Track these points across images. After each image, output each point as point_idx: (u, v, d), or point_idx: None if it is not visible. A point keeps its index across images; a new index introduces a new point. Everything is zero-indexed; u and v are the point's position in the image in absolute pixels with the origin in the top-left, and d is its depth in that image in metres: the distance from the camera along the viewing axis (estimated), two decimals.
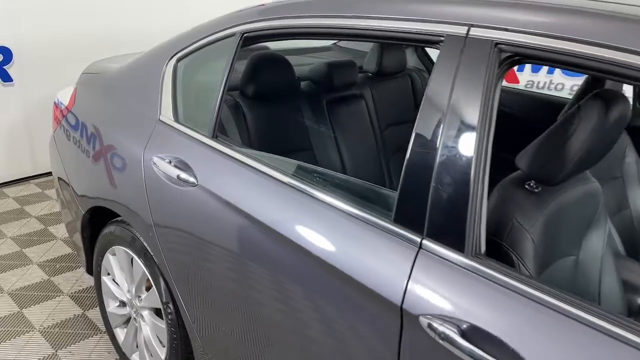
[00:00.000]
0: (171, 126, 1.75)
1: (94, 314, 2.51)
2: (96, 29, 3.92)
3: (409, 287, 1.10)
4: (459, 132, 1.11)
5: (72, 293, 2.69)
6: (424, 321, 1.06)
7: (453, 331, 1.02)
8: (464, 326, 1.02)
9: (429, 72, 2.87)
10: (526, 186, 1.30)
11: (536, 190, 1.29)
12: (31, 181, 4.00)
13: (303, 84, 2.36)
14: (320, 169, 1.50)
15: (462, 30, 1.14)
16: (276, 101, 2.08)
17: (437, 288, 1.08)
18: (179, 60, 1.81)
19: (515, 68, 4.37)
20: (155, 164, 1.70)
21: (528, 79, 4.83)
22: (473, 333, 1.01)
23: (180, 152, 1.66)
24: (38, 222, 3.39)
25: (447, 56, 1.15)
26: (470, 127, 1.10)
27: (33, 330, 2.41)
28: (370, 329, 1.18)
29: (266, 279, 1.41)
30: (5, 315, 2.50)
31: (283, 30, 1.55)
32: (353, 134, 2.37)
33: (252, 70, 2.00)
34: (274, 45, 2.84)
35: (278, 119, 2.08)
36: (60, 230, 3.28)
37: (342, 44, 3.20)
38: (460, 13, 1.16)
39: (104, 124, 2.00)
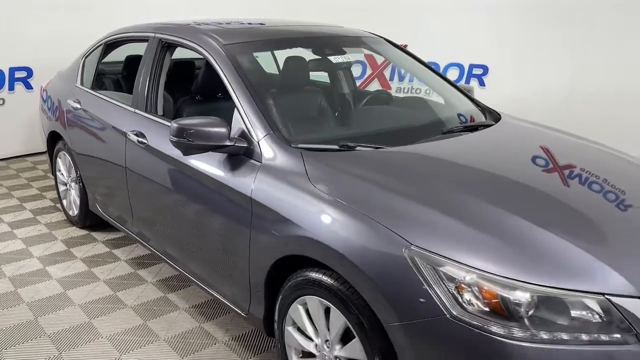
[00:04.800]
0: (79, 87, 3.80)
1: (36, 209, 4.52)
2: None
3: (128, 131, 3.06)
4: (149, 73, 3.07)
5: (52, 198, 4.73)
6: (129, 135, 3.01)
7: (133, 134, 2.96)
8: (136, 132, 2.95)
9: None
10: (196, 97, 3.27)
11: (200, 100, 3.26)
12: (43, 155, 6.15)
13: None
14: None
15: (153, 34, 3.14)
16: None
17: (138, 125, 3.02)
18: (85, 58, 3.88)
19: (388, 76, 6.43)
20: (69, 103, 3.74)
21: (397, 86, 6.72)
22: (139, 135, 2.94)
23: (79, 96, 3.70)
24: (42, 172, 5.52)
25: (149, 45, 3.14)
26: (152, 70, 3.06)
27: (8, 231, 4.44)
28: (115, 137, 3.13)
29: (109, 148, 3.37)
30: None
31: (122, 40, 3.58)
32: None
33: (125, 64, 4.06)
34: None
35: None
36: (51, 179, 5.36)
37: None
38: (154, 29, 3.17)
39: (58, 92, 4.08)
